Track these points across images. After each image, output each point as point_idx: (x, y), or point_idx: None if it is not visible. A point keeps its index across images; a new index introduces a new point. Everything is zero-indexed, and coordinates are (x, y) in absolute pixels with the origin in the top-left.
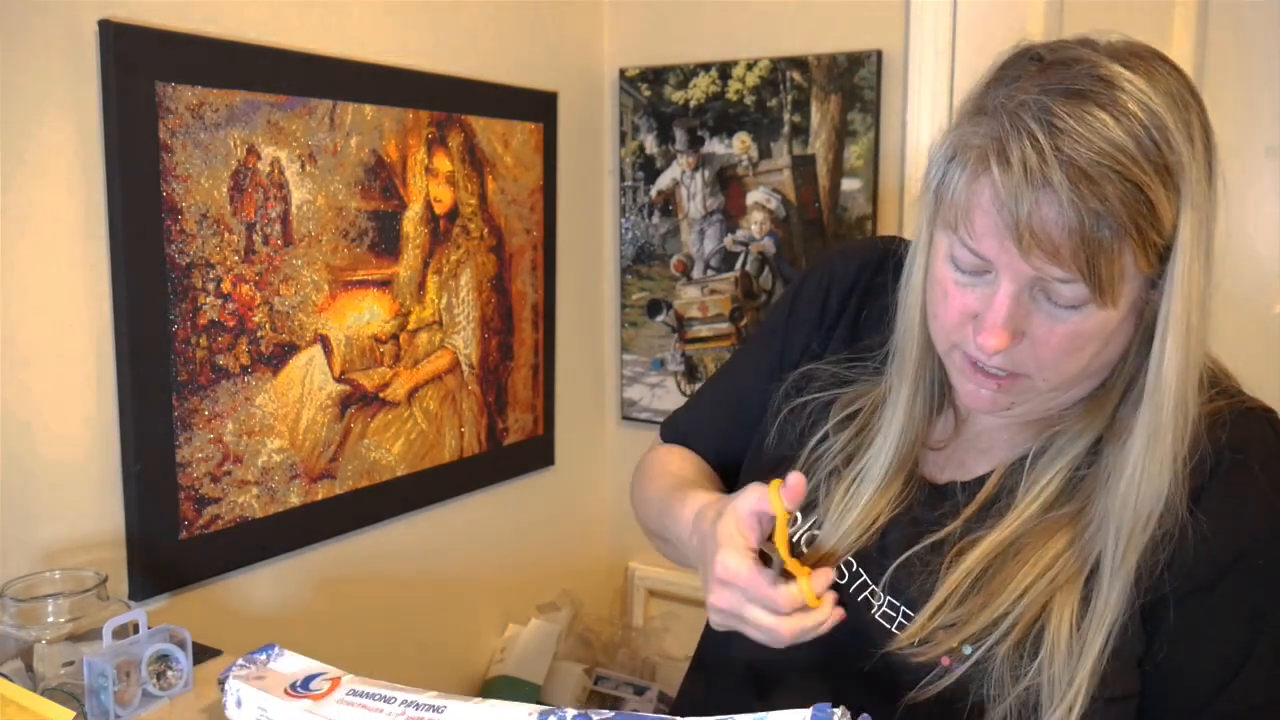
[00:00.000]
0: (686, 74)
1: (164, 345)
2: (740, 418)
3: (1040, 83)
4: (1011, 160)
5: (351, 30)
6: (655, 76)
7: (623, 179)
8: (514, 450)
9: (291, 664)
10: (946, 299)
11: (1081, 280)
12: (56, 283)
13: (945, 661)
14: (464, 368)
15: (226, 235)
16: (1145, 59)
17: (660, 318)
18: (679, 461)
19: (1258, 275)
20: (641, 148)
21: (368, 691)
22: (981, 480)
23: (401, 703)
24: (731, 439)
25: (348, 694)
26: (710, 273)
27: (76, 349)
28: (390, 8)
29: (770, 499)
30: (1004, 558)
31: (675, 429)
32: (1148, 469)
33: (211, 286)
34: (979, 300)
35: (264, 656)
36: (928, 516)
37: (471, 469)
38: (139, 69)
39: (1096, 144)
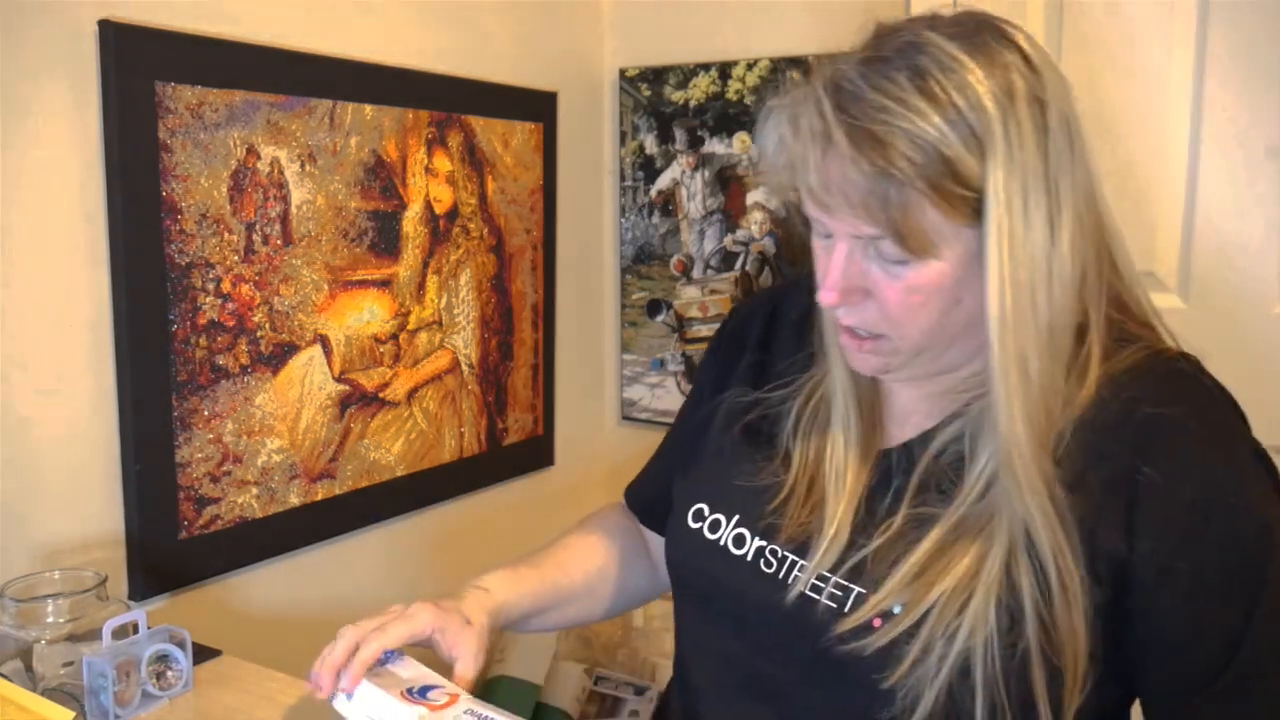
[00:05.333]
0: (686, 74)
1: (164, 345)
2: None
3: (858, 54)
4: (801, 126)
5: (351, 30)
6: (655, 76)
7: (623, 179)
8: (513, 450)
9: (411, 670)
10: (818, 264)
11: (887, 235)
12: (56, 282)
13: (876, 624)
14: (464, 368)
15: (226, 235)
16: (973, 27)
17: (660, 318)
18: (586, 536)
19: (1258, 275)
20: (641, 148)
21: (485, 715)
22: (908, 447)
23: None
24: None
25: (464, 712)
26: (710, 273)
27: (76, 349)
28: (390, 7)
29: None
30: (951, 540)
31: (633, 491)
32: (1006, 410)
33: (211, 286)
34: (827, 261)
35: (384, 656)
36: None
37: (471, 469)
38: (139, 69)
39: (882, 102)
